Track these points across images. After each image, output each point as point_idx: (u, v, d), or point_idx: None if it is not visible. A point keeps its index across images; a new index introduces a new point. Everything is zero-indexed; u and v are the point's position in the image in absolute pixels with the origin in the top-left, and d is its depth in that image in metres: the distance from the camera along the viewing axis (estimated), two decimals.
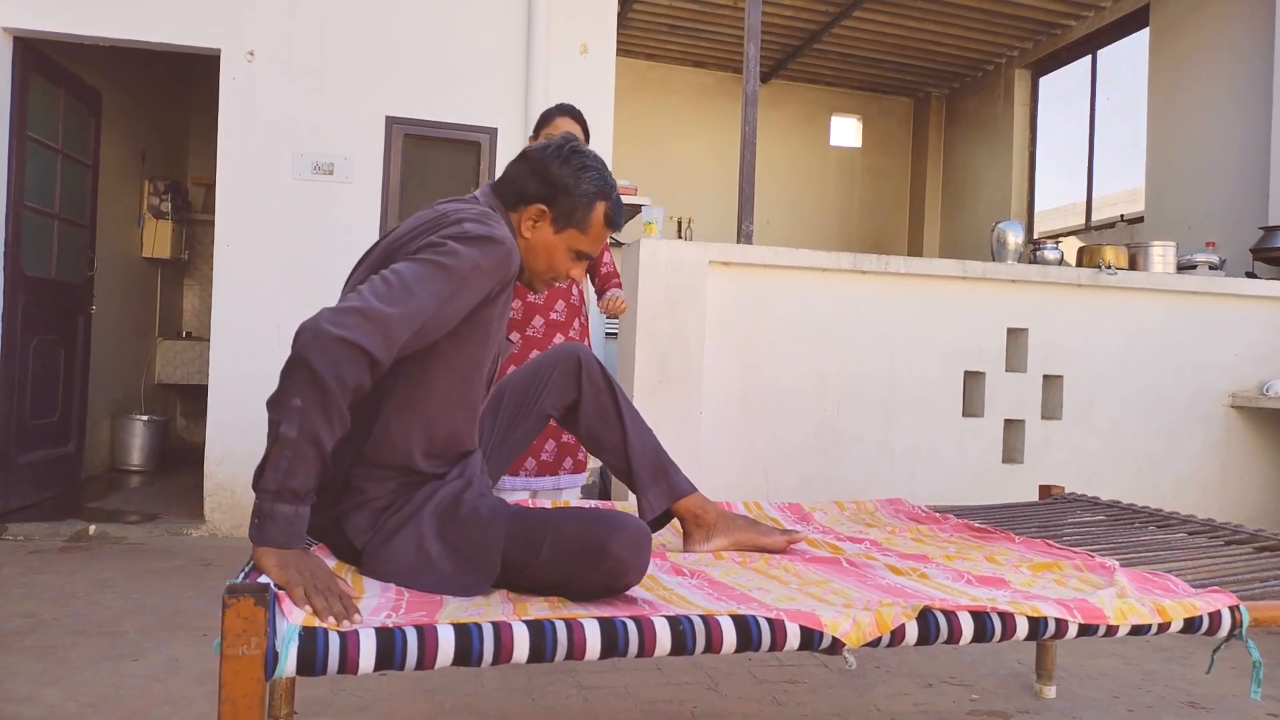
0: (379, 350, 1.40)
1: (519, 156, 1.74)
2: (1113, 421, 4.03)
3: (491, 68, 4.65)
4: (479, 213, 1.60)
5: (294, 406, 1.35)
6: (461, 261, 1.50)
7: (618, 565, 1.47)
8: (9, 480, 4.45)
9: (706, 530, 1.95)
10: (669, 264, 3.55)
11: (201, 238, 7.00)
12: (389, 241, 1.63)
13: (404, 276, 1.47)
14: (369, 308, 1.40)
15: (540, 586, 1.54)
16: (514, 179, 1.71)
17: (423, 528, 1.56)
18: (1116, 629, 1.50)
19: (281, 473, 1.35)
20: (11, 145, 4.35)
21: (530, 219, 1.69)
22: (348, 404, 1.39)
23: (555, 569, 1.50)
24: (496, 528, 1.55)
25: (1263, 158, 5.06)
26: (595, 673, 2.58)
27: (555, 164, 1.67)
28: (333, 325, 1.37)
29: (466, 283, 1.51)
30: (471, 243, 1.52)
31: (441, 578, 1.53)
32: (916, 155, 8.65)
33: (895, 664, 2.77)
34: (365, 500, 1.59)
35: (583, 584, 1.49)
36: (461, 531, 1.56)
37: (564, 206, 1.68)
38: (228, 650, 1.11)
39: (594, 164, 1.70)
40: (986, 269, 3.90)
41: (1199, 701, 2.57)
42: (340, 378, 1.36)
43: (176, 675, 2.48)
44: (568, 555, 1.49)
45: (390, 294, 1.44)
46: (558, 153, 1.68)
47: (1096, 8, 6.45)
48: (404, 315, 1.43)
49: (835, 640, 1.36)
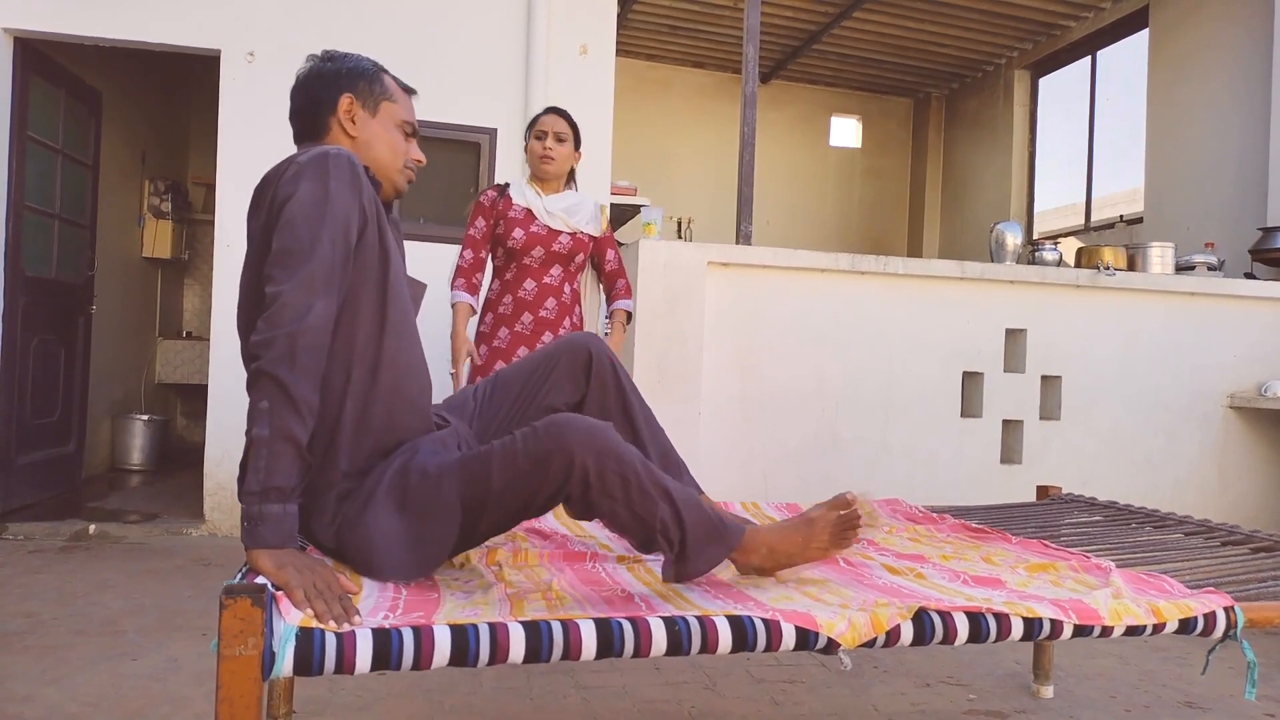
0: (317, 320, 1.41)
1: (292, 93, 1.70)
2: (1111, 422, 4.03)
3: (491, 68, 4.66)
4: (288, 158, 1.56)
5: (261, 409, 1.38)
6: (314, 192, 1.47)
7: (576, 459, 1.43)
8: (9, 480, 4.46)
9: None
10: (668, 265, 3.55)
11: (202, 238, 7.01)
12: (250, 234, 1.58)
13: (287, 246, 1.44)
14: (286, 295, 1.41)
15: (504, 520, 1.52)
16: (301, 108, 1.69)
17: (379, 508, 1.52)
18: (1111, 630, 1.51)
19: (262, 473, 1.36)
20: (12, 145, 4.36)
21: (346, 118, 1.67)
22: (313, 391, 1.40)
23: (511, 493, 1.47)
24: (448, 479, 1.50)
25: (1261, 159, 5.06)
26: (593, 672, 2.59)
27: (323, 65, 1.69)
28: (272, 328, 1.40)
29: (332, 207, 1.47)
30: (307, 171, 1.49)
31: (410, 554, 1.49)
32: (916, 156, 8.65)
33: (893, 664, 2.78)
34: (322, 491, 1.55)
35: (543, 495, 1.47)
36: (417, 497, 1.51)
37: (360, 85, 1.68)
38: (225, 651, 1.11)
39: (342, 53, 1.73)
40: (985, 270, 3.91)
41: (1196, 701, 2.58)
42: (297, 370, 1.38)
43: (176, 675, 2.49)
44: (520, 473, 1.46)
45: (290, 267, 1.43)
46: (318, 63, 1.70)
47: (1096, 9, 6.45)
48: (312, 274, 1.43)
49: (831, 641, 1.36)
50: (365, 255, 1.55)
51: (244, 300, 1.59)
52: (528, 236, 3.09)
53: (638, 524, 1.51)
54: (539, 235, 3.10)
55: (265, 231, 1.51)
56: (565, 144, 3.16)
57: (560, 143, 3.14)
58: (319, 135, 1.68)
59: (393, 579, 1.50)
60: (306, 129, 1.70)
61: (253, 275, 1.54)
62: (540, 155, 3.13)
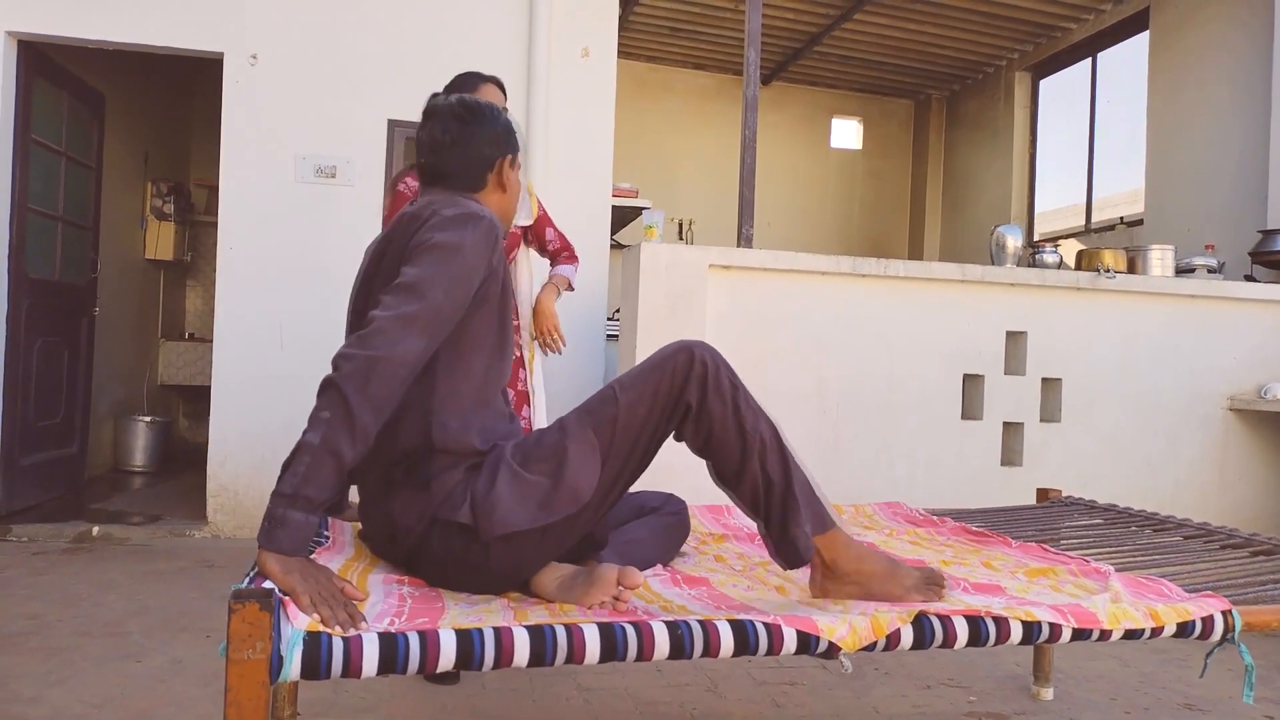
0: (405, 355, 1.47)
1: (445, 145, 1.75)
2: (1111, 424, 4.04)
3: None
4: (446, 199, 1.67)
5: (321, 418, 1.41)
6: (449, 244, 1.56)
7: (695, 354, 1.59)
8: (13, 481, 4.48)
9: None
10: (669, 267, 3.56)
11: (204, 239, 7.03)
12: (382, 259, 1.66)
13: (407, 282, 1.53)
14: (385, 322, 1.48)
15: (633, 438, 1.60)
16: (461, 164, 1.75)
17: (506, 469, 1.60)
18: (1110, 633, 1.52)
19: (299, 478, 1.38)
20: (15, 148, 4.37)
21: (508, 170, 1.78)
22: (376, 421, 1.44)
23: (637, 398, 1.59)
24: (570, 419, 1.62)
25: (1262, 161, 5.07)
26: (596, 674, 2.60)
27: (483, 120, 1.75)
28: (359, 347, 1.45)
29: (463, 262, 1.56)
30: (451, 225, 1.59)
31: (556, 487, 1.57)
32: (917, 157, 8.66)
33: (894, 666, 2.79)
34: (447, 480, 1.60)
35: (666, 398, 1.59)
36: (541, 452, 1.60)
37: (514, 143, 1.79)
38: (233, 654, 1.13)
39: (482, 101, 1.78)
40: (986, 272, 3.92)
41: (1195, 704, 2.59)
42: (367, 394, 1.42)
43: (180, 676, 2.50)
44: (644, 377, 1.60)
45: (400, 302, 1.50)
46: (472, 114, 1.75)
47: (1097, 10, 6.46)
48: (417, 314, 1.49)
49: (831, 645, 1.38)
50: (488, 307, 1.65)
51: (354, 322, 1.73)
52: None
53: (740, 436, 1.59)
54: None
55: (394, 262, 1.60)
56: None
57: None
58: (475, 189, 1.76)
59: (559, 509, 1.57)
60: (460, 181, 1.75)
61: (365, 296, 1.67)
62: None
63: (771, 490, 1.61)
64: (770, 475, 1.61)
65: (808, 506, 1.62)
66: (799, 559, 1.62)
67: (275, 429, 4.33)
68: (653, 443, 1.63)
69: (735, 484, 1.64)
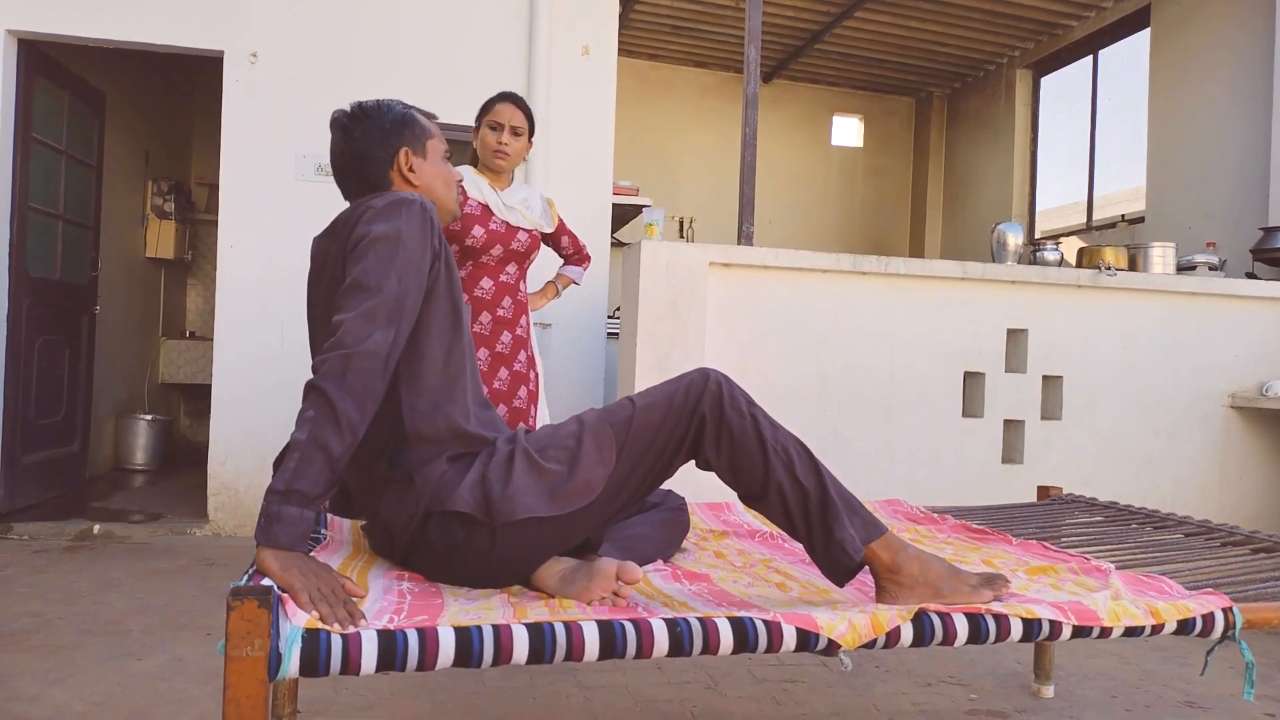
0: (374, 347, 1.48)
1: (337, 156, 1.78)
2: (1112, 422, 4.04)
3: (493, 69, 4.67)
4: (361, 200, 1.68)
5: (306, 416, 1.44)
6: (387, 234, 1.57)
7: (710, 375, 1.62)
8: (14, 480, 4.48)
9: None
10: (670, 265, 3.56)
11: (205, 238, 7.02)
12: (325, 260, 1.69)
13: (358, 280, 1.54)
14: (349, 322, 1.50)
15: (647, 438, 1.61)
16: (353, 168, 1.77)
17: (523, 456, 1.60)
18: (1110, 631, 1.52)
19: (290, 474, 1.40)
20: (16, 147, 4.37)
21: (406, 170, 1.76)
22: (359, 412, 1.46)
23: (652, 408, 1.62)
24: (589, 415, 1.65)
25: (1263, 158, 5.06)
26: (596, 672, 2.60)
27: (364, 125, 1.76)
28: (331, 349, 1.48)
29: (405, 248, 1.57)
30: (384, 215, 1.59)
31: (571, 476, 1.58)
32: (918, 155, 8.65)
33: (894, 663, 2.79)
34: (430, 472, 1.60)
35: (682, 409, 1.61)
36: (559, 441, 1.62)
37: (407, 135, 1.76)
38: (232, 652, 1.13)
39: (374, 101, 1.79)
40: (986, 270, 3.91)
41: (1196, 701, 2.59)
42: (345, 387, 1.45)
43: (181, 674, 2.51)
44: (661, 393, 1.63)
45: (357, 301, 1.52)
46: (353, 122, 1.77)
47: (1098, 8, 6.45)
48: (376, 307, 1.51)
49: (831, 642, 1.37)
50: (438, 289, 1.65)
51: (314, 325, 1.75)
52: (488, 234, 3.00)
53: (760, 445, 1.58)
54: (498, 233, 3.02)
55: (337, 266, 1.63)
56: (521, 138, 3.07)
57: (516, 137, 3.05)
58: (380, 185, 1.76)
59: (576, 498, 1.58)
60: (366, 186, 1.76)
61: (321, 303, 1.70)
62: (495, 149, 3.04)
63: (808, 500, 1.58)
64: (803, 484, 1.58)
65: (851, 513, 1.59)
66: (850, 561, 1.57)
67: (276, 427, 4.32)
68: (665, 452, 1.62)
69: (763, 496, 1.60)
